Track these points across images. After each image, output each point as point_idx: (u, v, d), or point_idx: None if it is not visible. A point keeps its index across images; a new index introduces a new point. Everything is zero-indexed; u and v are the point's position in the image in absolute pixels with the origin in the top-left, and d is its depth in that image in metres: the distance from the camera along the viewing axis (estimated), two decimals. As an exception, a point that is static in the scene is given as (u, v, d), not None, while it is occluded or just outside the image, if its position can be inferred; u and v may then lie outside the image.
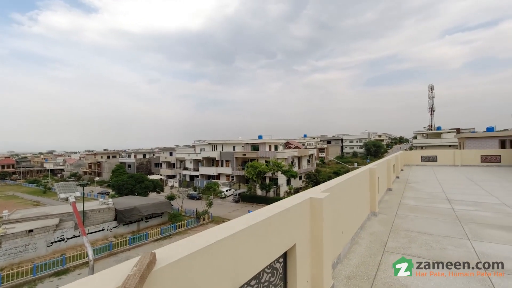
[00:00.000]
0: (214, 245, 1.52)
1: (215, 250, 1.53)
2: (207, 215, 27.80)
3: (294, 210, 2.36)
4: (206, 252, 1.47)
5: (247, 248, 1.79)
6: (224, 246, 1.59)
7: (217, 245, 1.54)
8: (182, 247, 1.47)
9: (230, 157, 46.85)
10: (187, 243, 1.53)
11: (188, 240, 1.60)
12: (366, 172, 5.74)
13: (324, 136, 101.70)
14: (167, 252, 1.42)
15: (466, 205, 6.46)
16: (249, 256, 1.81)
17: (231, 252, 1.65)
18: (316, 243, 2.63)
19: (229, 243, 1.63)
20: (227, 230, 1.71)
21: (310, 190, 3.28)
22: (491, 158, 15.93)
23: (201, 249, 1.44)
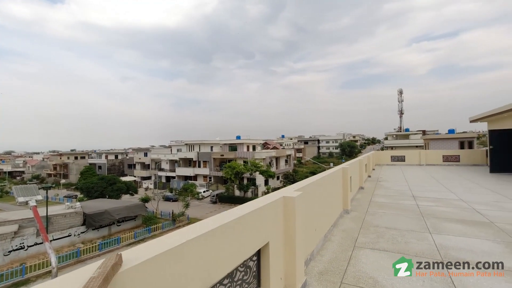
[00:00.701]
0: (185, 245, 1.50)
1: (186, 250, 1.51)
2: (184, 217, 27.21)
3: (267, 209, 2.40)
4: (176, 252, 1.45)
5: (220, 247, 1.79)
6: (195, 245, 1.58)
7: (187, 245, 1.52)
8: (151, 248, 1.44)
9: (208, 157, 46.23)
10: (157, 244, 1.50)
11: (158, 241, 1.56)
12: (339, 171, 5.96)
13: (301, 136, 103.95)
14: (135, 253, 1.38)
15: (429, 201, 6.95)
16: (222, 255, 1.81)
17: (203, 252, 1.64)
18: (289, 240, 2.69)
19: (200, 242, 1.62)
20: (199, 230, 1.70)
21: (284, 189, 3.35)
22: (451, 158, 17.27)
23: (171, 249, 1.42)
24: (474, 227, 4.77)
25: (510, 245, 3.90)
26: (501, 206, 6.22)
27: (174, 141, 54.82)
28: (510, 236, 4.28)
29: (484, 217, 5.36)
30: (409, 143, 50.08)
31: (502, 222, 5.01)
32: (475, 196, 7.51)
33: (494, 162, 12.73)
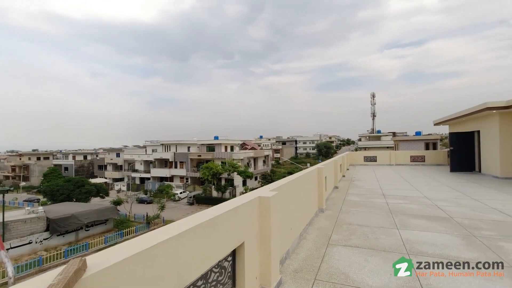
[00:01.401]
0: (156, 247, 1.46)
1: (157, 252, 1.47)
2: (159, 219, 26.35)
3: (242, 209, 2.40)
4: (147, 254, 1.40)
5: (193, 249, 1.76)
6: (167, 247, 1.53)
7: (159, 247, 1.48)
8: (120, 251, 1.38)
9: (185, 158, 45.22)
10: (126, 247, 1.44)
11: (127, 244, 1.50)
12: (314, 171, 6.13)
13: (279, 137, 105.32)
14: (102, 257, 1.31)
15: (397, 199, 7.37)
16: (195, 256, 1.78)
17: (175, 254, 1.60)
18: (265, 240, 2.71)
19: (172, 244, 1.58)
20: (171, 231, 1.66)
21: (260, 189, 3.38)
22: (418, 158, 18.47)
23: (141, 252, 1.37)
24: (436, 222, 5.13)
25: (465, 238, 4.26)
26: (459, 203, 6.77)
27: (149, 141, 52.90)
28: (466, 229, 4.67)
29: (444, 213, 5.79)
30: (381, 144, 52.84)
31: (460, 217, 5.46)
32: (437, 193, 8.10)
33: (453, 162, 13.82)
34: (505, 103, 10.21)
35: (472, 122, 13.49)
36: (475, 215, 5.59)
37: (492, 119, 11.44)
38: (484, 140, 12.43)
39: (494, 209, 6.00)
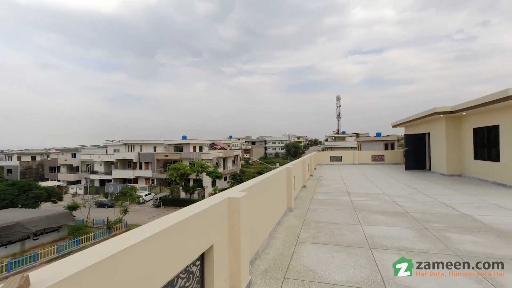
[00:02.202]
0: (116, 256, 1.32)
1: (117, 261, 1.33)
2: (122, 223, 24.77)
3: (211, 211, 2.32)
4: (105, 265, 1.26)
5: (159, 255, 1.64)
6: (129, 256, 1.40)
7: (120, 256, 1.35)
8: (73, 262, 1.22)
9: (151, 158, 43.16)
10: (82, 257, 1.29)
11: (83, 253, 1.34)
12: (283, 171, 6.22)
13: (249, 137, 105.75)
14: (52, 271, 1.15)
15: (360, 197, 7.81)
16: (161, 263, 1.67)
17: (138, 262, 1.48)
18: (234, 241, 2.66)
19: (135, 252, 1.45)
20: (134, 237, 1.53)
21: (229, 190, 3.32)
22: (378, 158, 19.85)
23: (99, 263, 1.23)
24: (393, 217, 5.54)
25: (419, 231, 4.65)
26: (413, 198, 7.39)
27: (110, 140, 49.47)
28: (419, 223, 5.10)
29: (401, 208, 6.28)
30: (345, 145, 55.91)
31: (414, 211, 5.95)
32: (395, 190, 8.77)
33: (408, 161, 15.11)
34: (450, 108, 11.42)
35: (424, 125, 14.88)
36: (427, 209, 6.14)
37: (439, 122, 12.72)
38: (434, 141, 13.79)
39: (442, 203, 6.66)
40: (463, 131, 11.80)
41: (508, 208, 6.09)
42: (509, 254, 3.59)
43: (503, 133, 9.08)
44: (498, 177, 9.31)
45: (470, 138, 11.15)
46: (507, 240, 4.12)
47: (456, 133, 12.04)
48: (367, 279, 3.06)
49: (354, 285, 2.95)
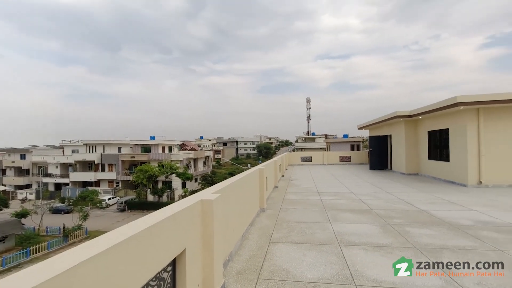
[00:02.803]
0: (72, 271, 1.17)
1: (77, 275, 1.19)
2: (81, 230, 22.91)
3: (183, 214, 2.22)
4: (61, 281, 1.12)
5: (126, 265, 1.52)
6: (91, 267, 1.26)
7: (80, 269, 1.20)
8: (19, 280, 1.06)
9: (115, 160, 40.62)
10: (30, 274, 1.12)
11: (34, 268, 1.18)
12: (256, 172, 6.23)
13: (220, 138, 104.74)
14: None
15: (329, 196, 8.12)
16: (129, 273, 1.54)
17: (102, 274, 1.34)
18: (207, 244, 2.58)
19: (98, 263, 1.31)
20: (97, 246, 1.38)
21: (202, 192, 3.22)
22: (345, 158, 20.85)
23: (50, 280, 1.07)
24: (360, 215, 5.83)
25: (383, 227, 4.95)
26: (377, 196, 7.88)
27: (68, 140, 45.56)
28: (382, 219, 5.44)
29: (367, 206, 6.64)
30: (315, 146, 57.93)
31: (378, 209, 6.34)
32: (361, 189, 9.27)
33: (372, 161, 16.10)
34: (408, 113, 12.41)
35: (386, 127, 15.98)
36: (389, 206, 6.58)
37: (399, 125, 13.76)
38: (394, 143, 14.87)
39: (402, 200, 7.19)
40: (419, 134, 12.89)
41: (457, 203, 6.77)
42: (458, 244, 3.97)
43: (452, 136, 10.09)
44: (448, 175, 10.32)
45: (425, 140, 12.22)
46: (456, 232, 4.56)
47: (414, 135, 13.12)
48: (337, 274, 3.17)
49: (325, 281, 3.03)
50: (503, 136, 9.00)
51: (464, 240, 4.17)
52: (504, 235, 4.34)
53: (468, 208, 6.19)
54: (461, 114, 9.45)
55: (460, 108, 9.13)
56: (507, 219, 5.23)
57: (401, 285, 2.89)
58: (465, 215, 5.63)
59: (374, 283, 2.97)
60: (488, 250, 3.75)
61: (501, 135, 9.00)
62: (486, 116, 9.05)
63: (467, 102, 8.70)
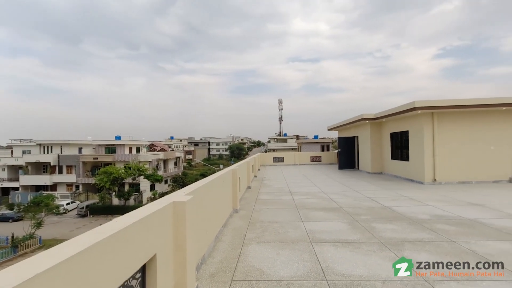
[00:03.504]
0: (28, 284, 1.04)
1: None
2: (34, 239, 20.80)
3: (154, 217, 2.11)
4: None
5: (87, 276, 1.38)
6: (45, 282, 1.13)
7: (32, 284, 1.06)
8: None
9: (75, 161, 37.64)
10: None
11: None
12: (229, 173, 6.17)
13: (191, 138, 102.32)
14: None
15: (301, 195, 8.32)
16: (92, 283, 1.41)
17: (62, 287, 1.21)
18: (180, 248, 2.48)
19: (54, 276, 1.18)
20: (54, 257, 1.24)
21: (174, 194, 3.10)
22: (316, 158, 21.56)
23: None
24: (330, 213, 6.06)
25: (351, 223, 5.19)
26: (346, 194, 8.25)
27: (17, 140, 41.12)
28: (351, 216, 5.70)
29: (336, 204, 6.92)
30: (287, 146, 59.14)
31: (346, 206, 6.64)
32: (331, 188, 9.64)
33: (341, 161, 16.87)
34: (373, 115, 13.22)
35: (353, 129, 16.85)
36: (356, 204, 6.93)
37: (365, 127, 14.60)
38: (361, 144, 15.73)
39: (368, 198, 7.61)
40: (383, 135, 13.79)
41: (415, 199, 7.35)
42: (417, 237, 4.30)
43: (411, 138, 10.96)
44: (408, 174, 11.18)
45: (388, 141, 13.11)
46: (416, 226, 4.94)
47: (378, 137, 14.01)
48: (309, 271, 3.25)
49: (298, 278, 3.09)
50: (452, 138, 9.98)
51: (422, 233, 4.54)
52: (454, 227, 4.80)
53: (425, 204, 6.75)
54: (419, 118, 10.30)
55: (418, 112, 9.95)
56: (457, 213, 5.79)
57: (367, 278, 3.05)
58: (422, 210, 6.13)
59: (344, 277, 3.09)
60: (442, 241, 4.12)
61: (451, 137, 9.98)
62: (439, 120, 9.97)
63: (423, 107, 9.51)
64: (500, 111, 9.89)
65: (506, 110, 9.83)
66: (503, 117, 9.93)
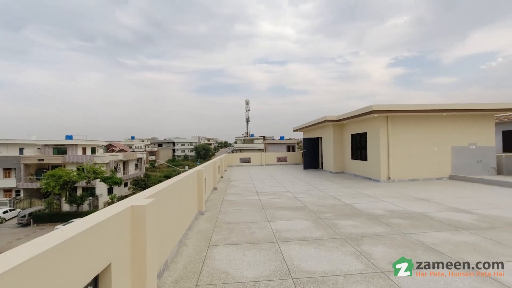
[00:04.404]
0: None
1: None
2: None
3: (108, 223, 1.92)
4: None
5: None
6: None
7: None
8: None
9: (15, 163, 33.45)
10: None
11: None
12: (194, 174, 5.97)
13: (155, 138, 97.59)
14: None
15: (268, 195, 8.40)
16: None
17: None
18: (139, 255, 2.30)
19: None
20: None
21: (133, 197, 2.88)
22: (282, 159, 22.02)
23: None
24: (296, 212, 6.20)
25: (315, 221, 5.37)
26: (310, 194, 8.54)
27: None
28: (315, 214, 5.90)
29: (301, 203, 7.12)
30: (254, 147, 59.48)
31: (311, 205, 6.87)
32: (296, 187, 9.90)
33: (306, 161, 17.46)
34: (336, 117, 13.94)
35: (318, 130, 17.58)
36: (320, 202, 7.21)
37: (328, 128, 15.33)
38: (324, 144, 16.47)
39: (331, 196, 7.97)
40: (344, 136, 14.61)
41: (373, 196, 7.89)
42: (374, 231, 4.61)
43: (369, 139, 11.78)
44: (367, 173, 11.99)
45: (349, 142, 13.93)
46: (373, 221, 5.29)
47: (340, 138, 14.81)
48: (275, 271, 3.26)
49: (264, 278, 3.08)
50: (404, 139, 10.97)
51: (379, 227, 4.87)
52: (406, 221, 5.25)
53: (381, 200, 7.28)
54: (376, 120, 11.12)
55: (375, 115, 10.73)
56: (407, 207, 6.35)
57: (330, 273, 3.16)
58: (379, 206, 6.60)
59: (309, 274, 3.16)
60: (395, 234, 4.46)
61: (403, 139, 10.96)
62: (392, 122, 10.88)
63: (380, 111, 10.30)
64: (442, 116, 11.14)
65: (447, 115, 11.10)
66: (445, 121, 11.20)
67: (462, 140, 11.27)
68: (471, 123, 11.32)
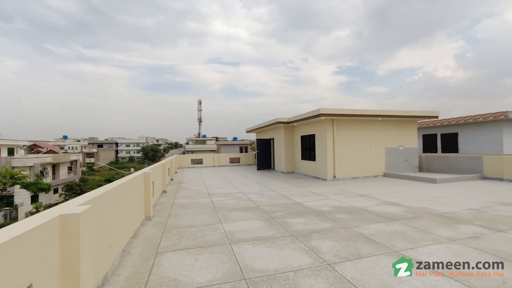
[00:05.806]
0: None
1: None
2: None
3: (28, 238, 1.61)
4: None
5: None
6: None
7: None
8: None
9: None
10: None
11: None
12: (140, 177, 5.52)
13: (94, 138, 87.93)
14: None
15: (220, 197, 8.26)
16: None
17: None
18: (70, 272, 1.99)
19: None
20: None
21: (63, 204, 2.49)
22: (235, 160, 21.99)
23: None
24: (248, 212, 6.23)
25: (267, 221, 5.47)
26: (262, 194, 8.70)
27: None
28: (267, 214, 6.02)
29: (254, 203, 7.19)
30: (206, 148, 58.12)
31: (263, 205, 6.99)
32: (249, 188, 9.98)
33: (259, 162, 17.77)
34: (287, 120, 14.53)
35: (270, 131, 18.06)
36: (272, 201, 7.39)
37: (280, 130, 15.89)
38: (276, 145, 17.00)
39: (282, 195, 8.25)
40: (295, 138, 15.32)
41: (320, 194, 8.43)
42: (322, 227, 4.91)
43: (317, 140, 12.59)
44: (315, 172, 12.78)
45: (299, 143, 14.66)
46: (321, 217, 5.64)
47: (291, 139, 15.48)
48: (228, 273, 3.20)
49: (216, 282, 2.99)
50: (347, 141, 12.03)
51: (326, 223, 5.21)
52: (348, 215, 5.74)
53: (327, 197, 7.82)
54: (323, 123, 11.94)
55: (322, 118, 11.52)
56: (350, 203, 6.96)
57: (282, 270, 3.24)
58: (326, 203, 7.08)
59: (261, 273, 3.19)
60: (340, 229, 4.83)
61: (346, 140, 12.01)
62: (337, 125, 11.84)
63: (327, 114, 11.10)
64: (377, 121, 12.56)
65: (381, 120, 12.57)
66: (379, 125, 12.66)
67: (393, 142, 12.90)
68: (399, 127, 13.04)
